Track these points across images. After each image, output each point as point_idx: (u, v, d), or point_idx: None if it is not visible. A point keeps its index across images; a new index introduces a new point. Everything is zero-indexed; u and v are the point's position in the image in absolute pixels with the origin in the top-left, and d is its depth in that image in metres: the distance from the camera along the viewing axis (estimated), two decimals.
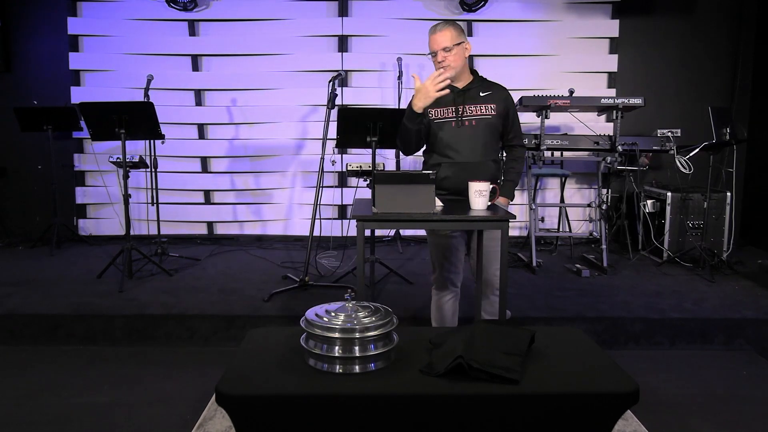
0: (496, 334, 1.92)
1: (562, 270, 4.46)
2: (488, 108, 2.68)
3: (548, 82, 5.35)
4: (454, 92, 2.69)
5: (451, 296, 2.86)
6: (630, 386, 1.70)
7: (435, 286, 2.88)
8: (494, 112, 2.68)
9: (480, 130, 2.67)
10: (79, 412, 2.54)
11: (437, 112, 2.71)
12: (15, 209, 5.58)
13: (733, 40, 5.43)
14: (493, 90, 2.72)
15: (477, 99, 2.69)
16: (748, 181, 5.47)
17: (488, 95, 2.70)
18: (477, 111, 2.67)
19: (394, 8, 5.39)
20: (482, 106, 2.68)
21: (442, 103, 2.69)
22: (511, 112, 2.75)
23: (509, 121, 2.76)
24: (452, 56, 2.64)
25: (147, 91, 4.63)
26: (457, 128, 2.68)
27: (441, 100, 2.67)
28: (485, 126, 2.68)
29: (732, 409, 2.64)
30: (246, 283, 4.03)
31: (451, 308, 2.86)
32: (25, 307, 3.47)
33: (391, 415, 1.66)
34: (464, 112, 2.67)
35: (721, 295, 3.80)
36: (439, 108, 2.70)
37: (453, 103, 2.69)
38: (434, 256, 2.83)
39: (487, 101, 2.69)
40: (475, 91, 2.71)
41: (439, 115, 2.71)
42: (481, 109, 2.67)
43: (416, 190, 2.39)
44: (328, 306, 1.91)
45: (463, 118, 2.68)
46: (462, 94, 2.69)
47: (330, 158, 4.08)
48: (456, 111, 2.68)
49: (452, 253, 2.78)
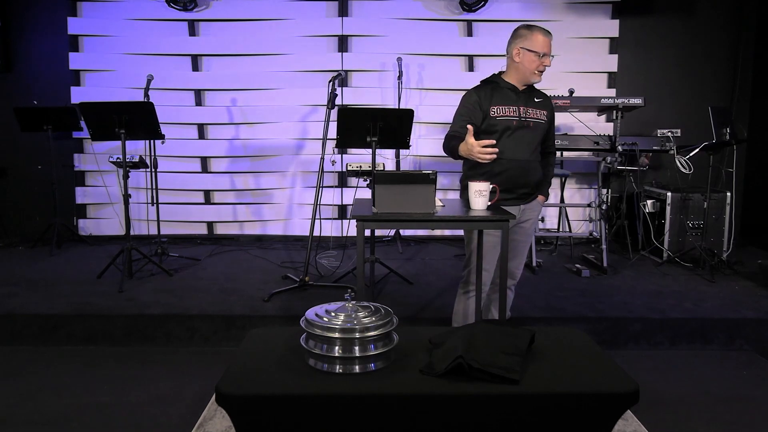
0: (496, 334, 1.92)
1: (562, 270, 4.46)
2: (541, 113, 2.78)
3: (548, 82, 5.32)
4: (516, 93, 2.77)
5: (475, 294, 2.82)
6: (630, 386, 1.70)
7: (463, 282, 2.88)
8: (545, 118, 2.79)
9: (535, 133, 2.77)
10: (79, 412, 2.54)
11: (500, 109, 2.73)
12: (15, 209, 5.58)
13: (733, 40, 5.43)
14: (543, 98, 2.84)
15: (534, 103, 2.78)
16: (748, 181, 5.47)
17: (540, 102, 2.81)
18: (534, 114, 2.76)
19: (394, 8, 5.39)
20: (537, 110, 2.77)
21: (506, 101, 2.74)
22: (552, 120, 2.90)
23: (551, 129, 2.90)
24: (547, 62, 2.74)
25: (147, 91, 4.63)
26: (518, 128, 2.73)
27: (504, 99, 2.74)
28: (539, 129, 2.78)
29: (732, 409, 2.64)
30: (246, 283, 4.03)
31: (472, 306, 2.84)
32: (25, 307, 3.47)
33: (391, 415, 1.66)
34: (525, 113, 2.74)
35: (721, 295, 3.80)
36: (504, 106, 2.73)
37: (515, 103, 2.74)
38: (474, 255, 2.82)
39: (540, 107, 2.79)
40: (532, 96, 2.80)
41: (503, 113, 2.73)
42: (537, 113, 2.77)
43: (416, 190, 2.39)
44: (328, 306, 1.91)
45: (522, 119, 2.74)
46: (523, 96, 2.77)
47: (330, 158, 4.08)
48: (518, 111, 2.73)
49: (491, 252, 2.78)
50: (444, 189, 5.47)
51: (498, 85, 2.79)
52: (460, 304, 2.88)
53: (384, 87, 5.42)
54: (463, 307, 2.86)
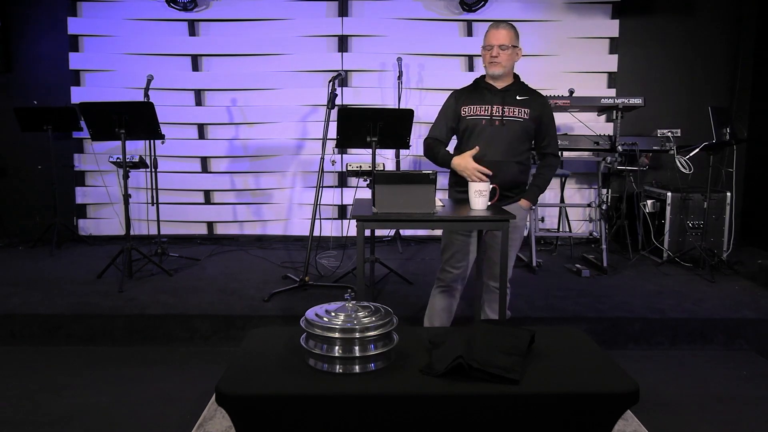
0: (496, 334, 1.92)
1: (562, 270, 4.46)
2: (521, 111, 2.73)
3: (548, 82, 5.34)
4: (492, 92, 2.75)
5: (446, 290, 2.87)
6: (630, 386, 1.70)
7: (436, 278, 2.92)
8: (527, 116, 2.74)
9: (508, 131, 2.72)
10: (79, 412, 2.54)
11: (471, 109, 2.75)
12: (15, 209, 5.58)
13: (732, 40, 5.43)
14: (531, 96, 2.79)
15: (513, 101, 2.74)
16: (748, 181, 5.47)
17: (525, 100, 2.76)
18: (509, 112, 2.72)
19: (394, 8, 5.39)
20: (516, 108, 2.73)
21: (479, 101, 2.75)
22: (546, 120, 2.80)
23: (543, 129, 2.80)
24: (505, 55, 2.71)
25: (147, 91, 4.63)
26: (487, 126, 2.72)
27: (477, 98, 2.75)
28: (515, 128, 2.73)
29: (732, 409, 2.64)
30: (246, 283, 4.03)
31: (440, 302, 2.88)
32: (25, 307, 3.47)
33: (391, 415, 1.66)
34: (497, 111, 2.73)
35: (721, 295, 3.80)
36: (474, 105, 2.75)
37: (489, 102, 2.74)
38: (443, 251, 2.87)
39: (522, 105, 2.75)
40: (513, 94, 2.77)
41: (473, 112, 2.75)
42: (514, 111, 2.73)
43: (416, 190, 2.40)
44: (328, 306, 1.91)
45: (494, 118, 2.72)
46: (500, 95, 2.75)
47: (330, 158, 4.08)
48: (489, 110, 2.73)
49: (462, 251, 2.80)
50: (444, 189, 5.44)
51: (478, 86, 2.82)
52: (430, 301, 2.93)
53: (384, 87, 5.42)
54: (431, 302, 2.91)
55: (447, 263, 2.84)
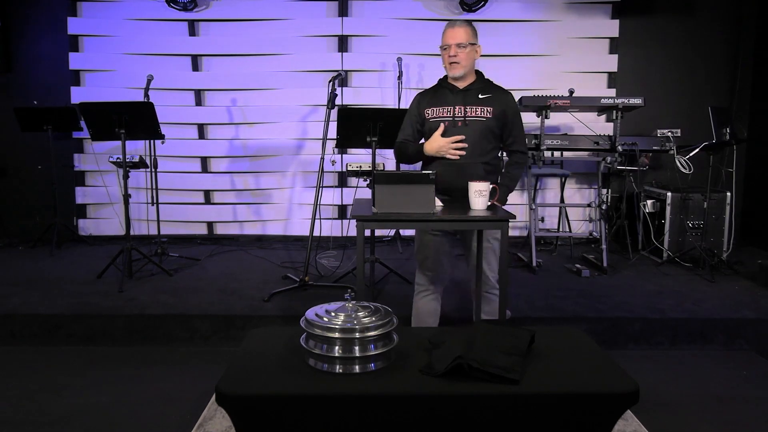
0: (496, 334, 1.92)
1: (562, 270, 4.46)
2: (484, 110, 2.68)
3: (548, 82, 5.35)
4: (453, 92, 2.72)
5: (426, 294, 2.84)
6: (630, 386, 1.70)
7: (415, 283, 2.90)
8: (490, 114, 2.68)
9: (472, 132, 2.67)
10: (79, 412, 2.54)
11: (434, 111, 2.73)
12: (15, 209, 5.58)
13: (733, 40, 5.43)
14: (494, 93, 2.72)
15: (475, 101, 2.70)
16: (748, 181, 5.47)
17: (488, 98, 2.71)
18: (472, 112, 2.68)
19: (394, 8, 5.38)
20: (479, 108, 2.68)
21: (440, 102, 2.72)
22: (511, 117, 2.73)
23: (508, 126, 2.74)
24: (464, 54, 2.67)
25: (147, 91, 4.63)
26: (450, 128, 2.70)
27: (439, 100, 2.72)
28: (478, 128, 2.68)
29: (732, 409, 2.64)
30: (246, 283, 4.03)
31: (425, 307, 2.84)
32: (25, 307, 3.47)
33: (391, 415, 1.66)
34: (460, 112, 2.69)
35: (721, 295, 3.80)
36: (436, 107, 2.72)
37: (451, 103, 2.71)
38: (417, 253, 2.86)
39: (485, 104, 2.69)
40: (475, 93, 2.72)
41: (435, 114, 2.73)
42: (477, 111, 2.68)
43: (416, 190, 2.40)
44: (328, 306, 1.91)
45: (456, 119, 2.69)
46: (461, 95, 2.71)
47: (330, 158, 4.08)
48: (452, 111, 2.70)
49: (433, 252, 2.78)
50: None
51: (440, 86, 2.79)
52: (414, 306, 2.89)
53: (384, 87, 5.42)
54: (416, 308, 2.87)
55: (422, 265, 2.82)
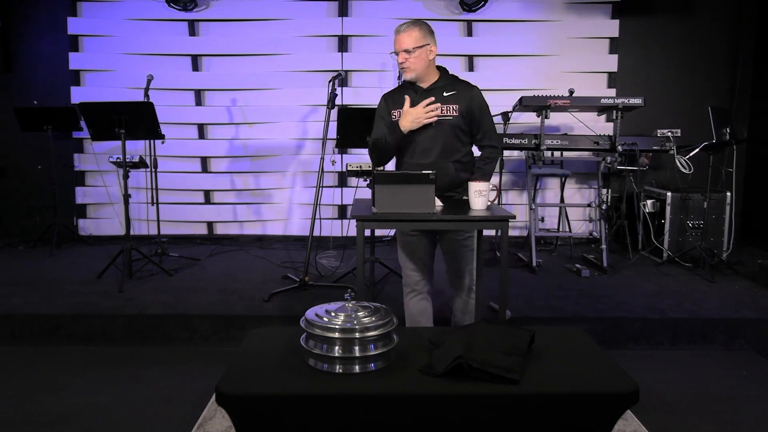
0: (496, 334, 1.92)
1: (562, 270, 4.46)
2: (450, 108, 2.63)
3: (548, 82, 5.34)
4: (417, 92, 2.68)
5: (414, 295, 2.83)
6: (630, 386, 1.70)
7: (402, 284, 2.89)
8: (456, 112, 2.63)
9: (439, 132, 2.63)
10: (79, 412, 2.54)
11: (399, 112, 2.68)
12: (15, 209, 5.58)
13: (733, 39, 5.43)
14: (458, 90, 2.67)
15: (440, 100, 2.63)
16: (748, 181, 5.47)
17: (452, 95, 2.65)
18: (438, 112, 2.62)
19: (394, 8, 5.38)
20: (444, 106, 2.63)
21: (404, 103, 2.65)
22: (477, 112, 2.67)
23: (476, 121, 2.68)
24: (413, 59, 2.61)
25: (147, 91, 4.62)
26: (416, 129, 2.64)
27: (403, 100, 2.65)
28: (445, 127, 2.64)
29: (732, 409, 2.64)
30: (246, 283, 4.03)
31: (415, 307, 2.83)
32: (25, 307, 3.47)
33: (391, 415, 1.66)
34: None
35: (721, 295, 3.80)
36: (402, 109, 2.66)
37: (414, 103, 2.64)
38: (399, 255, 2.85)
39: (450, 101, 2.64)
40: (439, 92, 2.66)
41: (401, 116, 2.66)
42: (443, 110, 2.62)
43: (416, 190, 2.40)
44: (328, 306, 1.91)
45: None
46: (425, 95, 2.65)
47: (330, 158, 4.08)
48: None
49: (412, 252, 2.78)
50: None
51: (404, 87, 2.75)
52: (405, 307, 2.86)
53: (384, 87, 5.41)
54: (407, 309, 2.85)
55: (405, 266, 2.80)
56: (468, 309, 2.85)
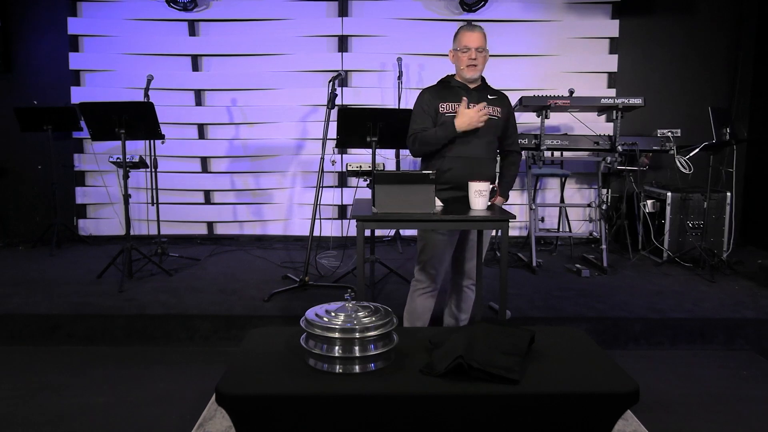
0: (496, 334, 1.92)
1: (562, 270, 4.46)
2: (495, 110, 2.81)
3: (548, 82, 5.35)
4: (467, 91, 2.81)
5: (425, 292, 2.85)
6: (630, 386, 1.70)
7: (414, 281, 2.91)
8: (500, 115, 2.82)
9: (486, 130, 2.77)
10: (79, 412, 2.54)
11: (450, 106, 2.78)
12: (15, 209, 5.58)
13: (733, 40, 5.43)
14: (498, 95, 2.88)
15: (487, 101, 2.80)
16: (748, 181, 5.47)
17: (495, 99, 2.84)
18: (489, 111, 2.77)
19: (394, 8, 5.38)
20: (491, 107, 2.79)
21: (455, 99, 2.79)
22: (512, 119, 2.92)
23: (509, 127, 2.91)
24: (482, 58, 2.78)
25: (147, 91, 4.63)
26: None
27: (453, 96, 2.79)
28: (491, 126, 2.79)
29: (732, 409, 2.64)
30: (246, 283, 4.03)
31: (423, 304, 2.86)
32: (25, 307, 3.47)
33: (391, 415, 1.66)
34: None
35: (721, 295, 3.80)
36: (453, 103, 2.78)
37: (469, 100, 2.76)
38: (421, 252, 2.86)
39: (494, 104, 2.82)
40: (484, 94, 2.84)
41: (452, 109, 2.77)
42: (490, 110, 2.78)
43: (416, 190, 2.40)
44: (328, 306, 1.91)
45: None
46: (474, 93, 2.81)
47: (330, 158, 4.08)
48: (469, 108, 2.73)
49: (439, 252, 2.80)
50: None
51: (449, 84, 2.86)
52: (411, 303, 2.90)
53: (384, 87, 5.42)
54: (413, 305, 2.88)
55: (428, 264, 2.82)
56: (466, 304, 2.93)
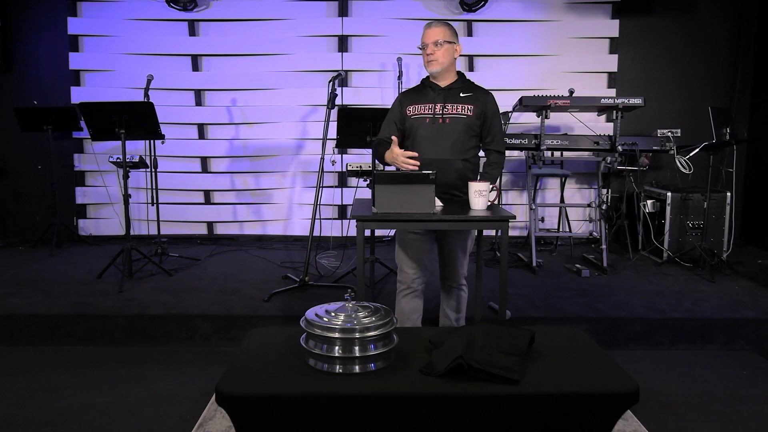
0: (496, 334, 1.92)
1: (562, 270, 4.46)
2: (465, 108, 2.71)
3: (548, 82, 5.35)
4: (435, 90, 2.75)
5: (409, 293, 2.84)
6: (630, 386, 1.70)
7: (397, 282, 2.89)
8: (471, 113, 2.72)
9: (452, 129, 2.71)
10: (79, 412, 2.54)
11: (416, 108, 2.76)
12: (15, 209, 5.58)
13: (733, 39, 5.43)
14: (474, 92, 2.76)
15: (456, 99, 2.73)
16: (748, 181, 5.47)
17: (468, 96, 2.74)
18: (453, 110, 2.71)
19: (394, 8, 5.39)
20: (460, 105, 2.72)
21: (422, 100, 2.76)
22: (490, 117, 2.76)
23: (487, 125, 2.77)
24: (441, 52, 2.71)
25: (147, 91, 4.63)
26: (431, 125, 2.72)
27: (420, 97, 2.76)
28: (459, 125, 2.71)
29: (732, 409, 2.64)
30: (246, 283, 4.03)
31: (408, 305, 2.84)
32: (25, 307, 3.47)
33: (391, 415, 1.66)
34: (441, 110, 2.72)
35: (721, 295, 3.80)
36: (418, 104, 2.76)
37: (432, 100, 2.75)
38: (398, 253, 2.85)
39: (466, 102, 2.73)
40: (456, 92, 2.75)
41: (416, 111, 2.76)
42: (458, 108, 2.71)
43: (416, 190, 2.40)
44: (328, 306, 1.91)
45: (436, 116, 2.72)
46: (442, 93, 2.75)
47: (330, 158, 4.08)
48: (433, 108, 2.72)
49: (414, 251, 2.78)
50: None
51: (422, 86, 2.83)
52: (397, 305, 2.86)
53: (384, 87, 5.42)
54: (400, 307, 2.85)
55: (405, 264, 2.81)
56: (459, 305, 2.90)
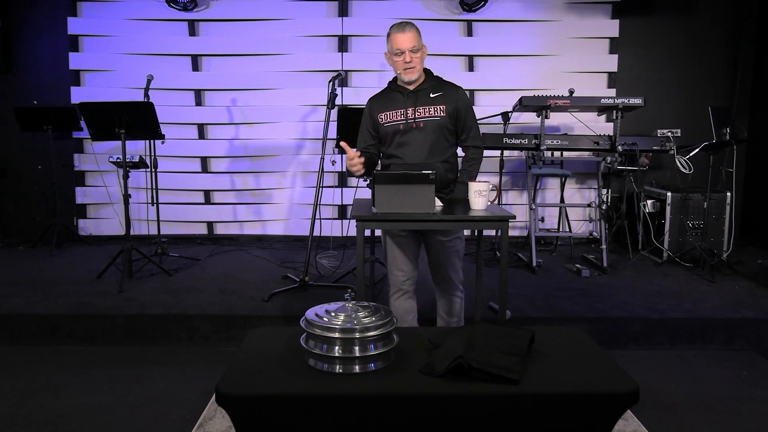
0: (496, 334, 1.92)
1: (562, 270, 4.46)
2: (437, 109, 2.66)
3: (548, 82, 5.35)
4: (405, 94, 2.70)
5: (400, 294, 2.83)
6: (630, 386, 1.70)
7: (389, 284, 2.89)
8: (443, 113, 2.66)
9: (427, 132, 2.66)
10: (79, 412, 2.54)
11: (387, 115, 2.71)
12: (15, 209, 5.58)
13: (733, 40, 5.43)
14: (444, 90, 2.70)
15: (427, 101, 2.67)
16: (748, 181, 5.47)
17: (439, 96, 2.68)
18: (425, 113, 2.66)
19: (394, 8, 5.38)
20: (431, 107, 2.66)
21: (392, 106, 2.71)
22: (463, 112, 2.70)
23: (461, 121, 2.71)
24: (417, 58, 2.66)
25: (147, 91, 4.62)
26: (405, 130, 2.68)
27: (391, 104, 2.71)
28: (433, 128, 2.66)
29: (732, 409, 2.64)
30: (246, 283, 4.03)
31: (401, 306, 2.83)
32: (25, 307, 3.47)
33: (391, 415, 1.66)
34: (413, 114, 2.67)
35: (721, 295, 3.80)
36: (389, 111, 2.71)
37: (402, 105, 2.69)
38: (385, 254, 2.85)
39: (437, 102, 2.67)
40: (426, 93, 2.69)
41: (389, 118, 2.71)
42: (430, 110, 2.66)
43: (416, 190, 2.40)
44: (328, 306, 1.91)
45: (409, 121, 2.67)
46: (412, 96, 2.69)
47: (330, 158, 4.08)
48: (404, 114, 2.68)
49: (401, 252, 2.78)
50: None
51: (390, 90, 2.78)
52: (390, 307, 2.84)
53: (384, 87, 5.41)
54: (392, 307, 2.84)
55: (393, 266, 2.80)
56: (454, 310, 2.86)
